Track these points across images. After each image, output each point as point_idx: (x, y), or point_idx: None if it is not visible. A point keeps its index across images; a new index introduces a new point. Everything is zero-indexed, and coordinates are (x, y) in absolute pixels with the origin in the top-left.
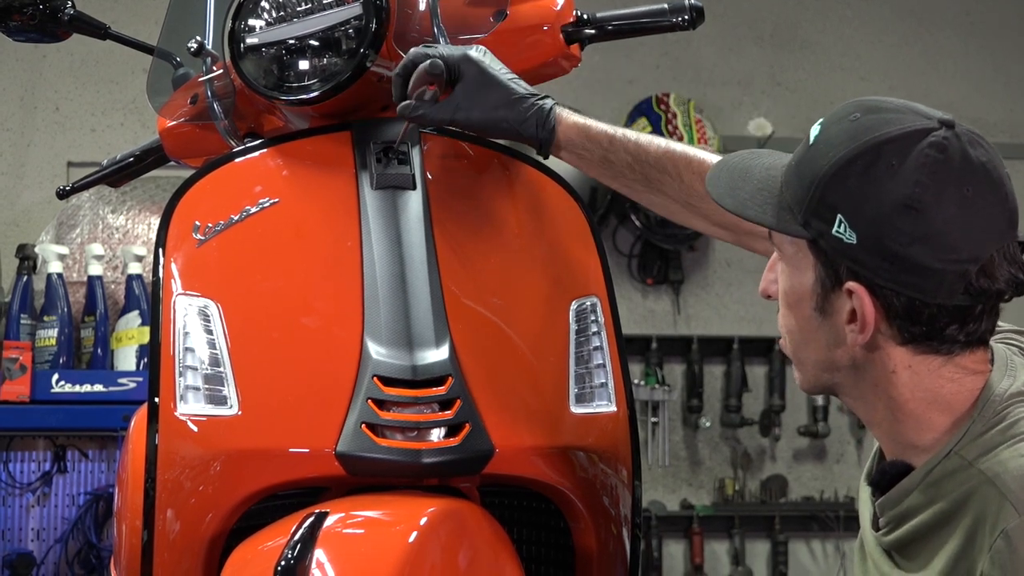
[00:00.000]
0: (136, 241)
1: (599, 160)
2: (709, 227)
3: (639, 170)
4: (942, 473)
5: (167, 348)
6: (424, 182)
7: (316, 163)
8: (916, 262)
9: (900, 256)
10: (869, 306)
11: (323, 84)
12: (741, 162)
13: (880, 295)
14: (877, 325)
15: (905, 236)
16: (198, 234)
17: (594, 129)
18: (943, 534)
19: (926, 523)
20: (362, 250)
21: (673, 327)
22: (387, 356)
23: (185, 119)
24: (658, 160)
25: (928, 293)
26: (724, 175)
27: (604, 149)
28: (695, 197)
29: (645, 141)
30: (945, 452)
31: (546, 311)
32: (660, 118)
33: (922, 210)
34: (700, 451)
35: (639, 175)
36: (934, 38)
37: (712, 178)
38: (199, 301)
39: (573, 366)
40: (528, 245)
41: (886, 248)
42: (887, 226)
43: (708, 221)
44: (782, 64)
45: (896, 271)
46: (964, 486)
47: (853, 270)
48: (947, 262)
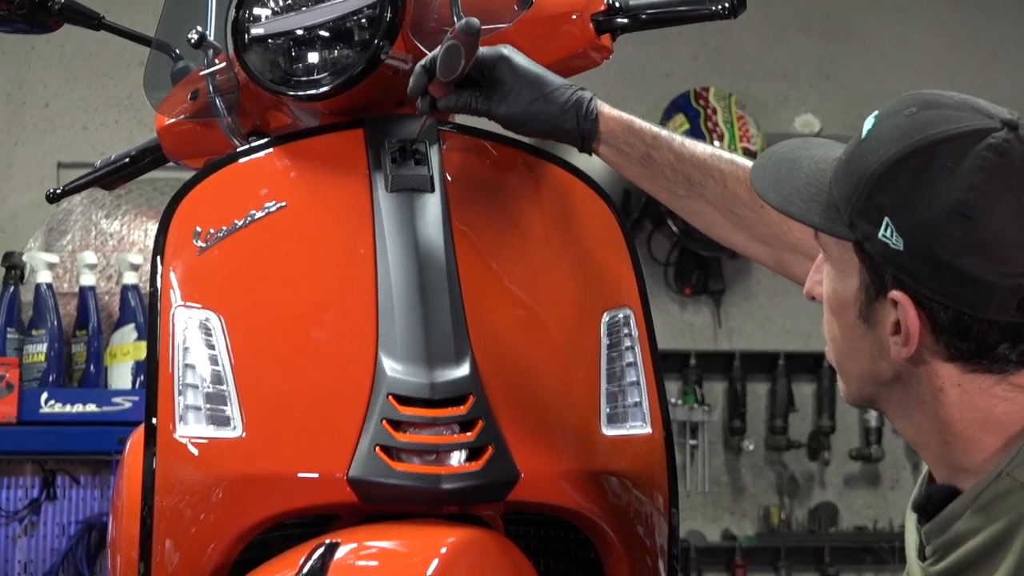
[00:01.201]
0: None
1: (640, 157)
2: (749, 243)
3: (682, 171)
4: (993, 495)
5: (165, 364)
6: (443, 184)
7: (326, 163)
8: (966, 273)
9: (949, 266)
10: (914, 318)
11: (334, 78)
12: (790, 152)
13: (926, 307)
14: (922, 339)
15: (956, 244)
16: (199, 241)
17: (637, 123)
18: (995, 561)
19: (976, 550)
20: (376, 258)
21: (713, 341)
22: (403, 373)
23: (185, 116)
24: (703, 162)
25: (978, 308)
26: (771, 165)
27: (647, 145)
28: (738, 205)
29: (690, 143)
30: (996, 473)
31: (575, 324)
32: (699, 114)
33: (975, 217)
34: (743, 476)
35: (681, 176)
36: (996, 26)
37: (758, 168)
38: (200, 313)
39: (605, 384)
40: (556, 252)
41: (934, 256)
42: (937, 232)
43: (749, 235)
44: (831, 56)
45: (944, 282)
46: (1017, 508)
47: (899, 278)
48: (1000, 275)
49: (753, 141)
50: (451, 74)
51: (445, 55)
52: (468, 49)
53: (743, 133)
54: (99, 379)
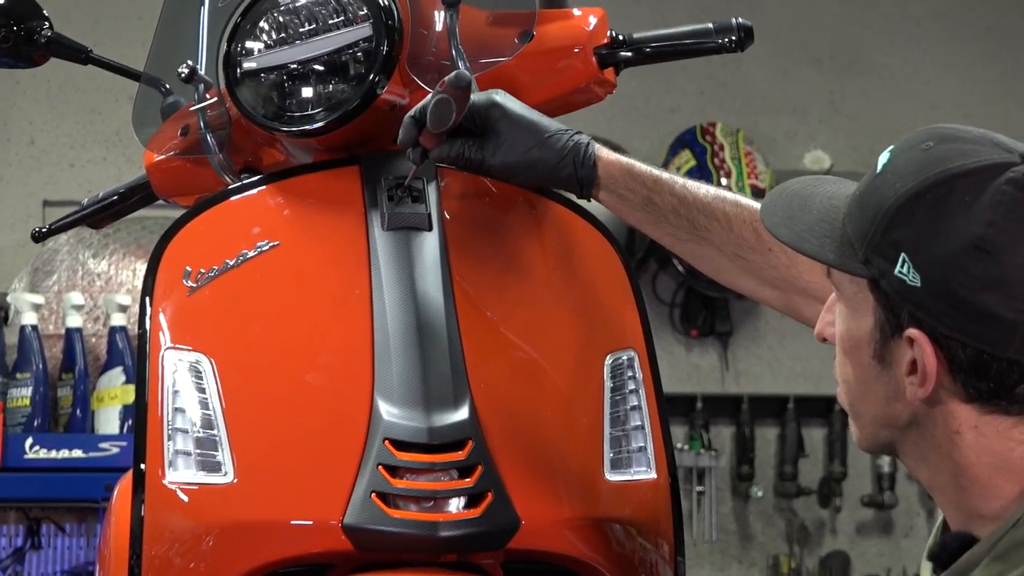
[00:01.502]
0: (120, 289)
1: (642, 202)
2: (757, 287)
3: (685, 215)
4: (1011, 543)
5: (154, 409)
6: (441, 222)
7: (321, 201)
8: (985, 310)
9: (968, 303)
10: (931, 357)
11: (328, 113)
12: (802, 189)
13: (944, 345)
14: (939, 379)
15: (975, 281)
16: (189, 281)
17: (637, 167)
18: None
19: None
20: (372, 298)
21: (721, 384)
22: (400, 417)
23: (175, 153)
24: (707, 205)
25: (997, 346)
26: (781, 202)
27: (648, 189)
28: (744, 249)
29: (693, 185)
30: (1013, 521)
31: (577, 367)
32: (705, 150)
33: (995, 253)
34: (751, 524)
35: (685, 221)
36: (1014, 59)
37: (768, 205)
38: (190, 356)
39: (608, 428)
40: (557, 293)
41: (953, 293)
42: (955, 268)
43: (757, 279)
44: (842, 90)
45: (962, 320)
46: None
47: (915, 316)
48: (1021, 312)
49: (761, 178)
50: (441, 127)
51: (435, 108)
52: (459, 102)
53: (751, 170)
54: (86, 424)
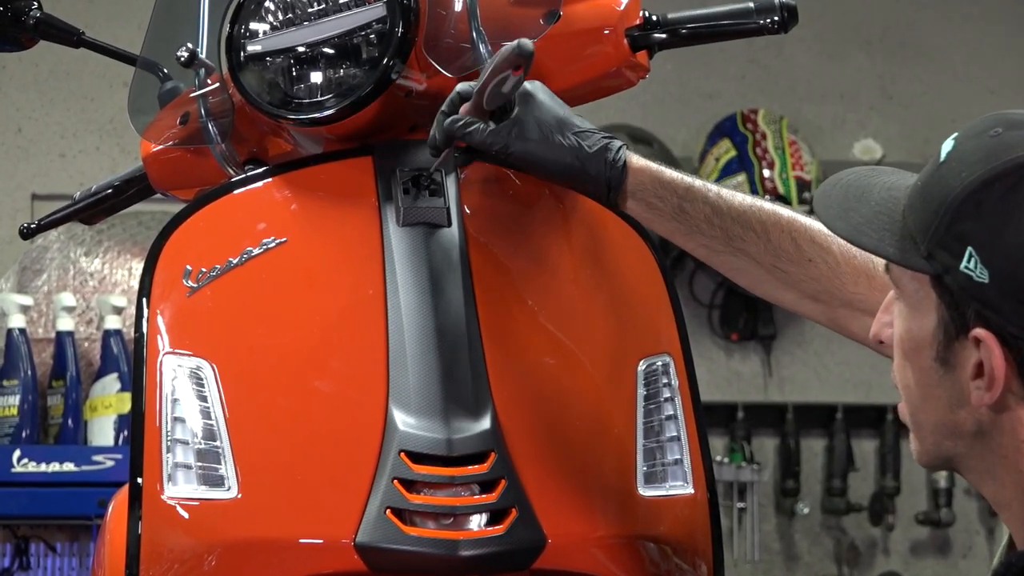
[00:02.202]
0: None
1: (673, 211)
2: (799, 301)
3: (719, 224)
4: None
5: (152, 418)
6: (461, 217)
7: (331, 195)
8: None
9: None
10: (999, 359)
11: (339, 100)
12: (857, 180)
13: (1013, 346)
14: (1008, 383)
15: None
16: (190, 281)
17: (668, 175)
18: None
19: None
20: (386, 299)
21: (763, 392)
22: (417, 427)
23: (174, 143)
24: (742, 214)
25: None
26: (837, 193)
27: (680, 197)
28: (783, 260)
29: (727, 193)
30: None
31: (608, 373)
32: (747, 140)
33: None
34: (797, 543)
35: (719, 231)
36: None
37: (823, 197)
38: (191, 361)
39: (641, 439)
40: (587, 293)
41: (1023, 290)
42: None
43: (797, 292)
44: (894, 74)
45: None
46: None
47: (982, 314)
48: None
49: (807, 169)
50: (496, 104)
51: (494, 89)
52: (517, 80)
53: (796, 160)
54: (78, 435)
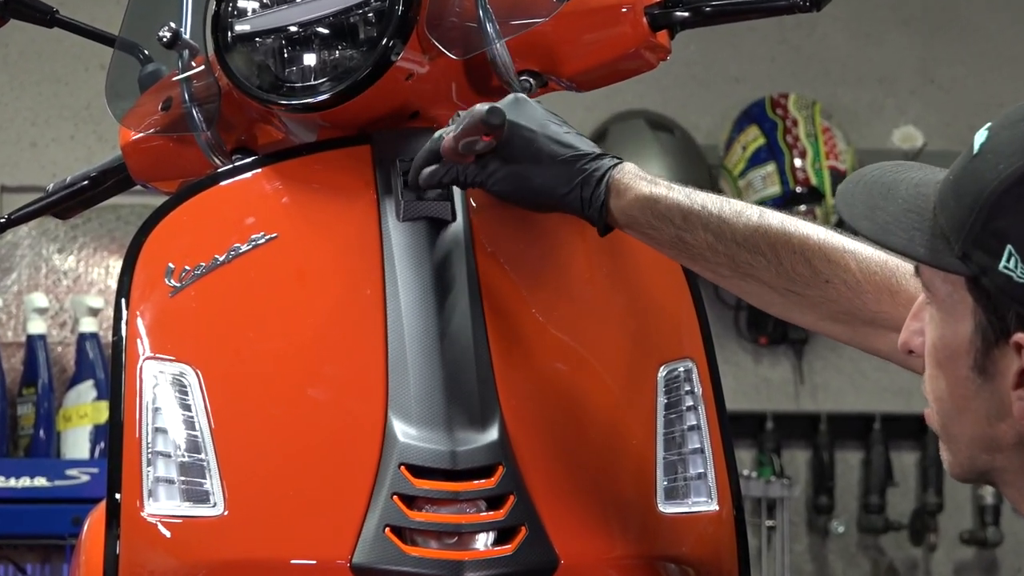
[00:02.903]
0: (90, 290)
1: (671, 240)
2: (818, 322)
3: (723, 251)
4: None
5: (131, 429)
6: (466, 211)
7: (325, 187)
8: None
9: None
10: None
11: (335, 84)
12: (882, 176)
13: None
14: None
15: None
16: (172, 280)
17: (664, 202)
18: None
19: None
20: (385, 301)
21: (794, 400)
22: (418, 438)
23: (155, 130)
24: (748, 238)
25: None
26: (860, 191)
27: (677, 228)
28: (798, 284)
29: (731, 213)
30: None
31: (626, 380)
32: (776, 126)
33: None
34: (831, 564)
35: (724, 258)
36: None
37: (845, 194)
38: (173, 367)
39: (662, 451)
40: (602, 293)
41: None
42: None
43: (816, 314)
44: (936, 56)
45: None
46: None
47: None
48: None
49: (842, 158)
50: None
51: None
52: (487, 144)
53: (830, 149)
54: (50, 447)
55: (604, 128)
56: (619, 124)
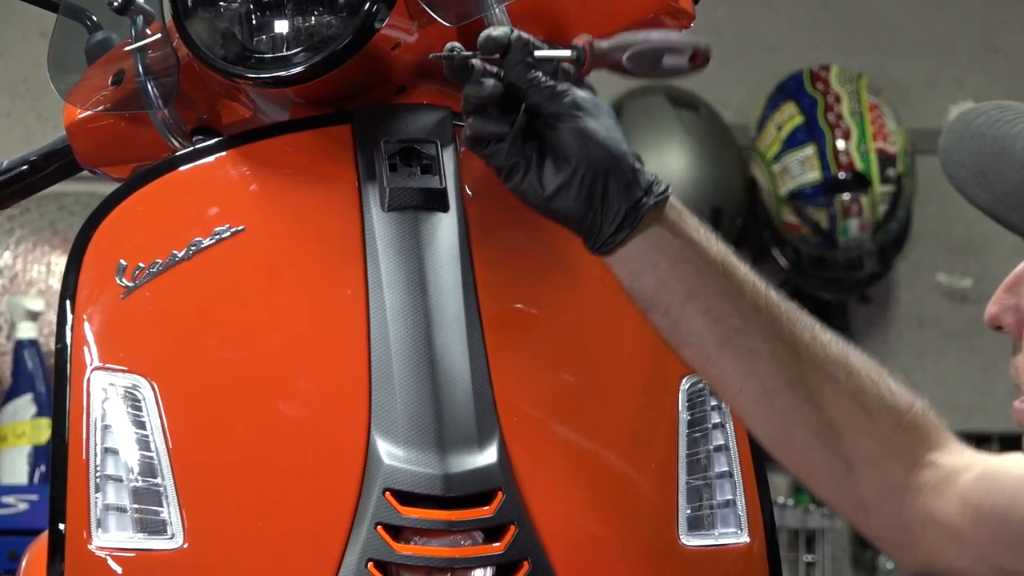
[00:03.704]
0: (29, 290)
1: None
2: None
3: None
4: None
5: (77, 450)
6: (461, 200)
7: (299, 172)
8: None
9: None
10: None
11: (310, 55)
12: (992, 126)
13: None
14: None
15: None
16: (124, 279)
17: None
18: None
19: None
20: (368, 302)
21: None
22: (405, 460)
23: (105, 107)
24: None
25: None
26: (968, 148)
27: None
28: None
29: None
30: None
31: (643, 393)
32: (816, 103)
33: None
34: None
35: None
36: None
37: (950, 150)
38: (126, 379)
39: (684, 475)
40: (616, 295)
41: None
42: None
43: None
44: (1000, 20)
45: None
46: None
47: None
48: None
49: (891, 139)
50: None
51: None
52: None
53: (877, 129)
54: None
55: (618, 106)
56: (635, 101)
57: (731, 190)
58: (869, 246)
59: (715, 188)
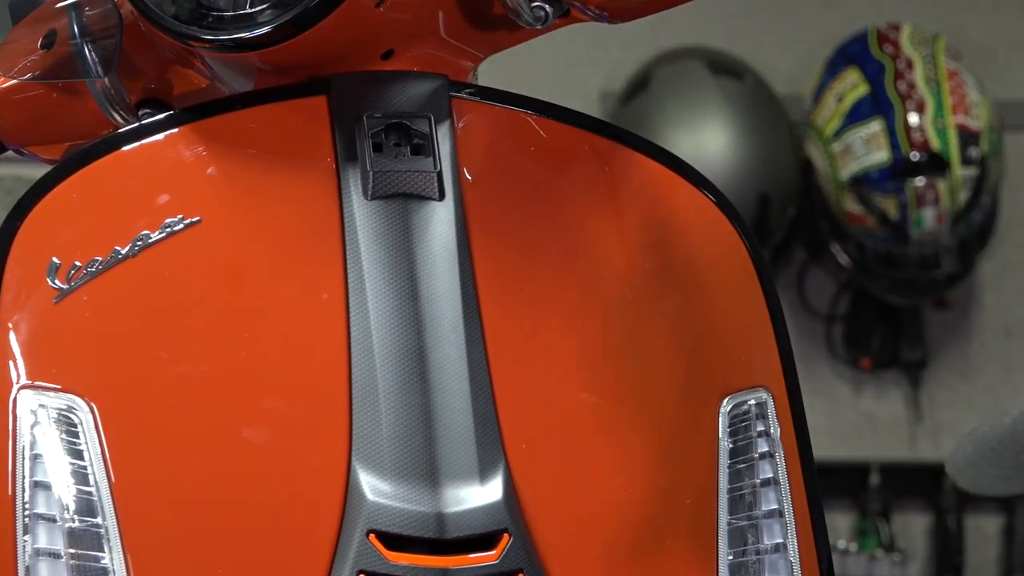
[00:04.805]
0: None
1: None
2: None
3: None
4: None
5: (1, 484)
6: (458, 186)
7: (265, 153)
8: None
9: None
10: None
11: (278, 12)
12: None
13: None
14: None
15: None
16: (57, 280)
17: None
18: None
19: None
20: (348, 308)
21: (909, 447)
22: (392, 496)
23: (33, 75)
24: None
25: None
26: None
27: None
28: None
29: None
30: None
31: (676, 416)
32: (883, 69)
33: None
34: None
35: None
36: None
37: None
38: (59, 399)
39: (725, 515)
40: (645, 299)
41: None
42: None
43: None
44: None
45: None
46: None
47: None
48: None
49: (974, 112)
50: None
51: None
52: None
53: (958, 100)
54: None
55: (647, 72)
56: (668, 67)
57: (782, 174)
58: (947, 241)
59: (763, 171)
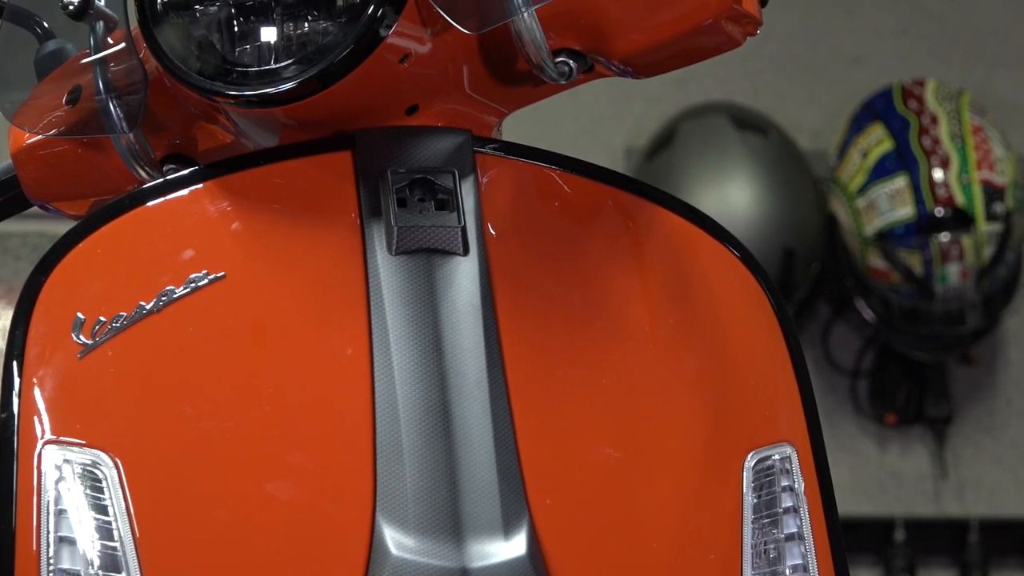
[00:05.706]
0: None
1: None
2: None
3: None
4: None
5: (26, 540)
6: (483, 241)
7: (291, 208)
8: None
9: None
10: None
11: (303, 68)
12: None
13: None
14: None
15: None
16: (82, 336)
17: None
18: None
19: None
20: (373, 363)
21: (934, 502)
22: (417, 551)
23: (59, 131)
24: None
25: None
26: None
27: None
28: None
29: None
30: None
31: (701, 471)
32: (908, 126)
33: None
34: None
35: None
36: None
37: None
38: (84, 455)
39: (750, 569)
40: (669, 354)
41: None
42: None
43: None
44: None
45: None
46: None
47: None
48: None
49: (999, 168)
50: None
51: None
52: None
53: (982, 156)
54: None
55: (672, 127)
56: (692, 122)
57: (806, 229)
58: (972, 296)
59: (787, 227)
